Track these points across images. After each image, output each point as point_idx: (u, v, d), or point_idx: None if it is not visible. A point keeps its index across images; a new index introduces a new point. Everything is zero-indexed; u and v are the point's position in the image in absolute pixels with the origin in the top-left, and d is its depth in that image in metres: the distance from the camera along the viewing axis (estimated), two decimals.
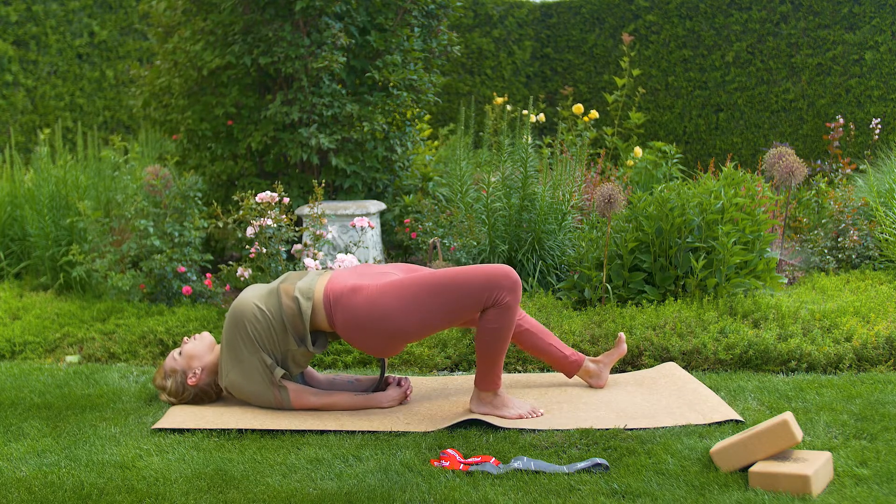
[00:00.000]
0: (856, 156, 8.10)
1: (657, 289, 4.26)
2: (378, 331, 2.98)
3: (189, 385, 3.18)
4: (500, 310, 2.91)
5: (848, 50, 8.50)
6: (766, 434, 2.47)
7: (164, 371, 3.22)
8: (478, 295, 2.91)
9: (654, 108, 9.74)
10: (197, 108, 5.41)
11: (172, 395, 3.20)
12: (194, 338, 3.27)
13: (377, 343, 3.02)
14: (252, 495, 2.41)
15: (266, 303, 3.07)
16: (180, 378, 3.19)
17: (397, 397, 3.17)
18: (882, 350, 3.58)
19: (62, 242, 4.96)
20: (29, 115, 8.02)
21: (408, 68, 5.52)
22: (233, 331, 3.07)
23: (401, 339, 3.00)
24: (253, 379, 3.06)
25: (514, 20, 10.36)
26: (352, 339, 3.06)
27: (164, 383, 3.21)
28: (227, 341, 3.10)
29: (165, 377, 3.21)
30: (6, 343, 3.97)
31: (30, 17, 8.01)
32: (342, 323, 3.01)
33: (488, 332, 2.94)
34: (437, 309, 2.94)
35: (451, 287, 2.94)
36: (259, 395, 3.08)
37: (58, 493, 2.43)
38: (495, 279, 2.91)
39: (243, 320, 3.05)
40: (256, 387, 3.06)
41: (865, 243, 5.13)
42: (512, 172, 4.89)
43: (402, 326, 2.96)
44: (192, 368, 3.19)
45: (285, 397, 3.07)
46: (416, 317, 2.95)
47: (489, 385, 3.01)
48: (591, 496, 2.39)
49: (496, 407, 3.02)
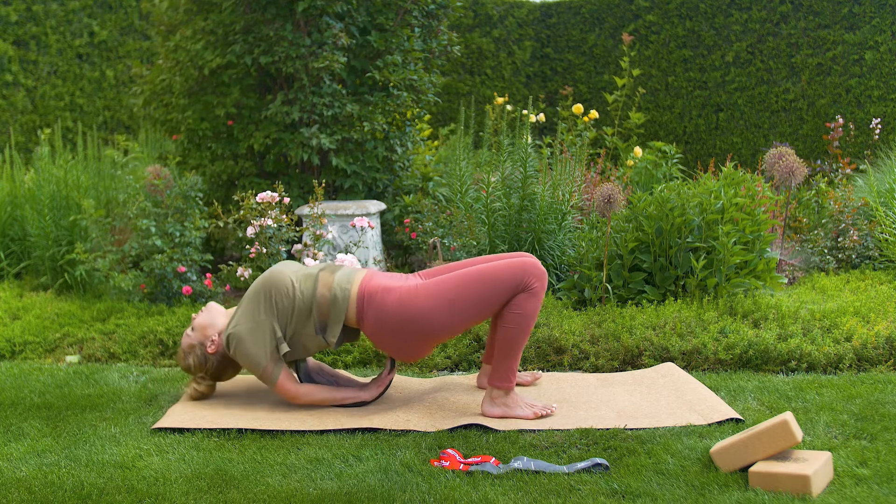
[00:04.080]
0: (856, 156, 8.10)
1: (657, 289, 4.27)
2: (409, 332, 3.01)
3: (210, 353, 3.18)
4: (529, 294, 2.97)
5: (848, 50, 8.50)
6: (766, 434, 2.47)
7: (183, 351, 3.23)
8: (509, 281, 2.97)
9: (654, 108, 9.74)
10: (197, 108, 5.42)
11: (198, 369, 3.20)
12: (201, 311, 3.27)
13: (407, 344, 3.05)
14: (252, 495, 2.41)
15: (301, 284, 3.09)
16: (199, 351, 3.19)
17: (376, 391, 3.18)
18: (882, 350, 3.58)
19: (62, 242, 4.96)
20: (29, 115, 8.02)
21: (408, 68, 5.52)
22: (260, 292, 3.08)
23: (432, 338, 3.03)
24: (257, 341, 3.05)
25: (514, 20, 10.36)
26: (380, 342, 3.08)
27: (187, 362, 3.21)
28: (249, 298, 3.10)
29: (186, 356, 3.22)
30: (6, 343, 3.97)
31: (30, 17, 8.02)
32: (372, 322, 3.04)
33: (513, 317, 2.98)
34: (469, 302, 2.99)
35: (481, 278, 3.00)
36: (254, 358, 3.06)
37: (58, 493, 2.43)
38: (525, 266, 2.99)
39: (274, 287, 3.06)
40: (256, 349, 3.05)
41: (865, 243, 5.13)
42: (512, 172, 4.89)
43: (435, 324, 2.99)
44: (207, 337, 3.19)
45: (275, 374, 3.07)
46: (447, 313, 2.99)
47: (504, 381, 3.02)
48: (591, 496, 2.39)
49: (509, 406, 3.02)
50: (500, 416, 3.01)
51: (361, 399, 3.16)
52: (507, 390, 3.03)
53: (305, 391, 3.14)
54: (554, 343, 3.73)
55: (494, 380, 3.04)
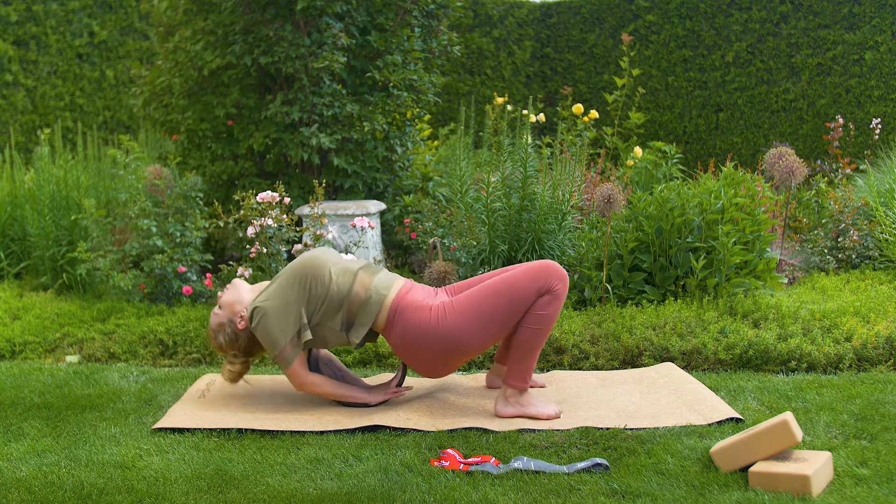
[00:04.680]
0: (856, 156, 8.10)
1: (657, 289, 4.27)
2: (437, 350, 3.02)
3: (240, 329, 3.15)
4: (552, 297, 2.99)
5: (848, 50, 8.50)
6: (766, 434, 2.47)
7: (212, 331, 3.20)
8: (532, 286, 2.99)
9: (654, 108, 9.74)
10: (197, 108, 5.41)
11: (229, 347, 3.18)
12: (226, 289, 3.24)
13: (435, 361, 3.05)
14: (252, 495, 2.41)
15: (339, 277, 3.08)
16: (229, 328, 3.17)
17: (381, 397, 3.17)
18: (882, 350, 3.58)
19: (62, 242, 4.96)
20: (29, 115, 8.02)
21: (408, 68, 5.52)
22: (297, 274, 3.06)
23: (462, 354, 3.04)
24: (281, 321, 3.03)
25: (514, 20, 10.36)
26: (405, 355, 3.09)
27: (218, 341, 3.19)
28: (285, 277, 3.08)
29: (216, 335, 3.19)
30: (6, 343, 3.97)
31: (30, 17, 8.01)
32: (398, 335, 3.05)
33: (534, 319, 2.98)
34: (497, 314, 2.99)
35: (506, 287, 3.01)
36: (274, 336, 3.03)
37: (58, 493, 2.43)
38: (546, 269, 3.01)
39: (311, 273, 3.05)
40: (279, 329, 3.02)
41: (865, 243, 5.13)
42: (512, 172, 4.88)
43: (464, 342, 3.00)
44: (236, 314, 3.16)
45: (290, 358, 3.05)
46: (477, 330, 3.00)
47: (520, 381, 3.03)
48: (591, 496, 2.39)
49: (524, 406, 3.03)
50: (513, 416, 3.01)
51: (366, 401, 3.16)
52: (521, 390, 3.04)
53: (314, 381, 3.12)
54: (554, 343, 3.73)
55: (510, 379, 3.04)
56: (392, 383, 3.21)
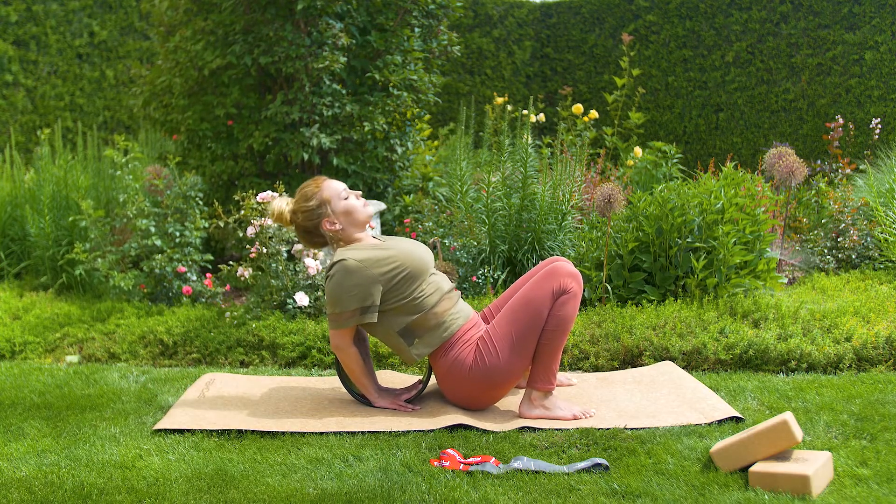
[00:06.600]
0: (856, 156, 8.10)
1: (657, 289, 4.27)
2: (483, 384, 3.02)
3: (325, 229, 3.11)
4: (568, 296, 2.99)
5: (848, 50, 8.50)
6: (766, 434, 2.47)
7: (297, 207, 3.13)
8: (547, 292, 2.99)
9: (654, 108, 9.74)
10: (197, 108, 5.41)
11: (299, 228, 3.14)
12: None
13: (481, 395, 3.06)
14: (252, 495, 2.41)
15: (427, 288, 3.05)
16: (321, 209, 3.09)
17: (386, 404, 3.16)
18: (882, 350, 3.58)
19: (62, 242, 4.96)
20: (29, 115, 8.02)
21: (408, 68, 5.52)
22: (398, 261, 3.02)
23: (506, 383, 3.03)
24: (358, 288, 2.98)
25: (514, 20, 10.36)
26: (448, 388, 3.09)
27: (295, 218, 3.14)
28: (389, 252, 3.04)
29: (295, 213, 3.13)
30: (6, 343, 3.97)
31: (30, 17, 8.01)
32: (445, 367, 3.05)
33: (553, 319, 2.98)
34: (525, 331, 2.98)
35: (524, 303, 3.01)
36: (342, 298, 2.98)
37: (58, 493, 2.43)
38: (556, 271, 3.01)
39: (412, 268, 3.03)
40: (351, 294, 2.97)
41: (865, 243, 5.13)
42: (512, 172, 4.89)
43: (505, 372, 3.00)
44: (334, 212, 3.10)
45: (346, 324, 3.00)
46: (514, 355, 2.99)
47: (545, 384, 3.02)
48: (591, 496, 2.39)
49: (548, 408, 3.03)
50: (539, 418, 3.01)
51: (372, 400, 3.16)
52: (546, 392, 3.03)
53: (351, 353, 3.09)
54: None
55: (535, 382, 3.04)
56: (402, 396, 3.19)
